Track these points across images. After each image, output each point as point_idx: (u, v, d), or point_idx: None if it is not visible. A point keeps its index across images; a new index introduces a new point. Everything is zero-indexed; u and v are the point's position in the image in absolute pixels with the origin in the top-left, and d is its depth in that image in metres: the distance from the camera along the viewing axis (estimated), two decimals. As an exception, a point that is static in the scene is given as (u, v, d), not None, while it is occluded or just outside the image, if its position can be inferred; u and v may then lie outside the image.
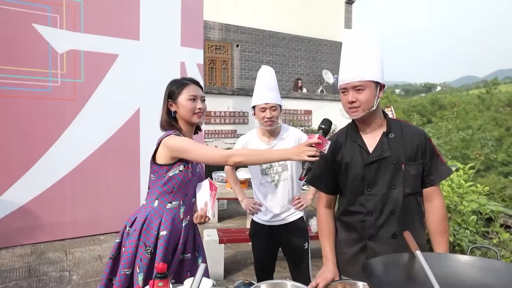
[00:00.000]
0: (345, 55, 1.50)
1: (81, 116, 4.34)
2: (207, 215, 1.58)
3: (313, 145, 1.34)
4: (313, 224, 3.61)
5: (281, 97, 2.22)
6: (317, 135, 1.36)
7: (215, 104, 7.55)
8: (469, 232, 2.60)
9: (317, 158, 1.36)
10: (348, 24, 12.43)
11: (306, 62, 11.36)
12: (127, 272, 1.51)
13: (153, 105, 4.69)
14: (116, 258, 1.60)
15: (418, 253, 1.17)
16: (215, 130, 7.68)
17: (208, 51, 9.77)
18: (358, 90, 1.43)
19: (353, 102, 1.44)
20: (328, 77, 11.38)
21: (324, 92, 11.21)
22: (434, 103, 41.50)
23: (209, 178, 1.67)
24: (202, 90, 1.71)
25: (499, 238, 2.86)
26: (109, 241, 4.29)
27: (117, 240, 1.63)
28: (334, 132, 1.69)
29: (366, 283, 1.32)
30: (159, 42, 4.76)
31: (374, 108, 1.45)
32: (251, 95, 2.22)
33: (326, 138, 1.39)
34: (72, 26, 4.22)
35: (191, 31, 5.02)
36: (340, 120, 1.49)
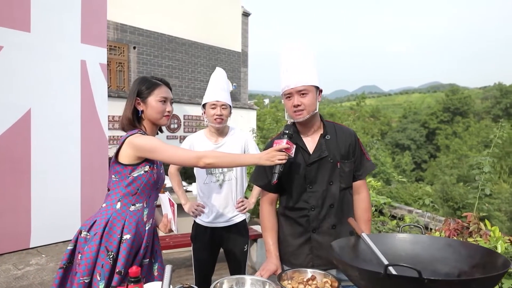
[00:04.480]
0: (286, 63, 1.62)
1: (-50, 117, 3.59)
2: (172, 229, 1.60)
3: (282, 149, 1.43)
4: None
5: (183, 103, 2.26)
6: (285, 141, 1.46)
7: (115, 108, 6.99)
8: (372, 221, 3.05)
9: (286, 161, 1.46)
10: (244, 35, 13.01)
11: (206, 69, 11.45)
12: (86, 281, 1.36)
13: (49, 106, 4.21)
14: (67, 268, 1.42)
15: (364, 234, 1.36)
16: (113, 136, 7.14)
17: (102, 51, 9.03)
18: (302, 94, 1.57)
19: (298, 105, 1.56)
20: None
21: (224, 99, 11.46)
22: (315, 113, 46.19)
23: (167, 193, 1.62)
24: (171, 92, 1.67)
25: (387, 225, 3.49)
26: (-10, 266, 3.61)
27: (70, 247, 1.46)
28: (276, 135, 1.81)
29: (313, 270, 1.47)
30: (55, 36, 4.24)
31: (317, 110, 1.62)
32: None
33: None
34: None
35: (93, 27, 4.60)
36: (244, 125, 1.63)
